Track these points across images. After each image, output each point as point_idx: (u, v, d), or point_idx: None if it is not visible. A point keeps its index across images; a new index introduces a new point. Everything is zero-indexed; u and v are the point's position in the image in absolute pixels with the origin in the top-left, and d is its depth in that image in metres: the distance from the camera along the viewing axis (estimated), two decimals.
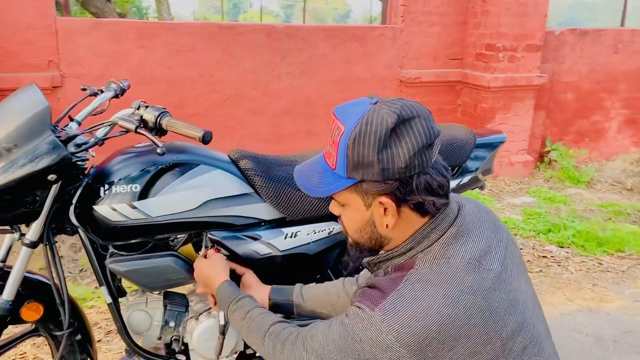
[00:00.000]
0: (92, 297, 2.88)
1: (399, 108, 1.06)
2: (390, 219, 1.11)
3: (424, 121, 1.06)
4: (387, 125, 1.04)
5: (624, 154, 5.86)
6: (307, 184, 1.18)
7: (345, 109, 1.12)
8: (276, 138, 4.79)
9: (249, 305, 1.40)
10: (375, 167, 1.05)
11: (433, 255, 1.10)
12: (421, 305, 1.02)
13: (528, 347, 1.09)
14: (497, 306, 1.05)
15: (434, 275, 1.06)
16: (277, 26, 4.64)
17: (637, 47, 5.62)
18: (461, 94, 5.34)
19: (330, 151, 1.12)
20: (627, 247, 3.65)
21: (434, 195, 1.09)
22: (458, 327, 1.01)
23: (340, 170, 1.10)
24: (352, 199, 1.14)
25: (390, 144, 1.04)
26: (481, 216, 1.19)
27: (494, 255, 1.11)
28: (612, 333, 2.69)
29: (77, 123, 1.68)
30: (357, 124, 1.06)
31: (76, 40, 3.99)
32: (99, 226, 1.58)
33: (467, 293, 1.03)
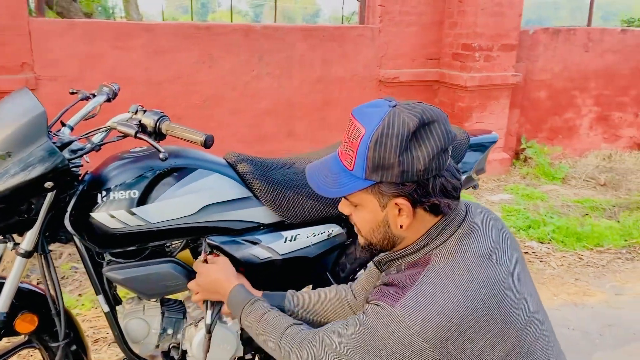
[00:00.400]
0: (77, 304, 2.81)
1: (420, 112, 1.07)
2: (404, 219, 1.13)
3: (442, 125, 1.09)
4: (409, 129, 1.05)
5: (595, 150, 6.01)
6: (321, 184, 1.18)
7: (364, 111, 1.12)
8: (256, 139, 4.76)
9: (263, 307, 1.39)
10: (395, 169, 1.07)
11: (448, 250, 1.13)
12: (442, 299, 1.05)
13: (539, 339, 1.13)
14: (510, 298, 1.08)
15: (451, 270, 1.09)
16: (255, 26, 4.61)
17: (606, 45, 5.77)
18: (439, 93, 5.40)
19: (348, 152, 1.12)
20: (605, 242, 3.74)
21: (449, 197, 1.12)
22: (477, 319, 1.04)
23: (358, 172, 1.10)
24: (367, 200, 1.15)
25: (411, 147, 1.06)
26: (486, 215, 1.24)
27: (503, 251, 1.16)
28: (597, 327, 2.76)
29: (70, 128, 1.64)
30: (379, 126, 1.07)
31: (50, 41, 3.89)
32: (96, 234, 1.54)
33: (483, 286, 1.06)
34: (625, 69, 5.92)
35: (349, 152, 1.11)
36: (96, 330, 2.61)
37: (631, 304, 3.00)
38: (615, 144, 6.17)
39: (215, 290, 1.52)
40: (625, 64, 5.91)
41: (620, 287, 3.20)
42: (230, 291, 1.48)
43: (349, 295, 1.53)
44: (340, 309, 1.53)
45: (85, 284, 3.03)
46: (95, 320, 2.69)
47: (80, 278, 3.09)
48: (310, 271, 1.83)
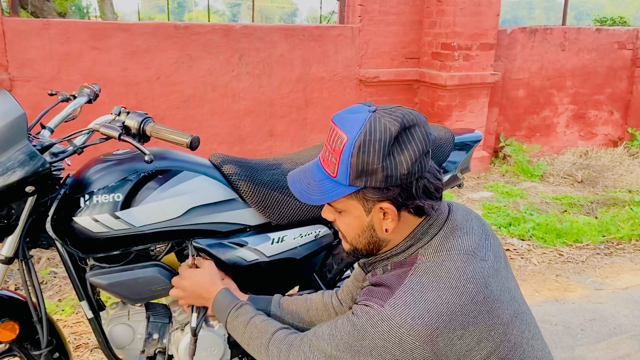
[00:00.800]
0: (57, 310, 2.76)
1: (401, 116, 1.08)
2: (390, 223, 1.14)
3: (423, 128, 1.10)
4: (391, 133, 1.06)
5: (572, 148, 6.11)
6: (304, 192, 1.18)
7: (344, 117, 1.12)
8: (237, 139, 4.73)
9: (250, 312, 1.38)
10: (379, 175, 1.07)
11: (434, 248, 1.14)
12: (430, 296, 1.06)
13: (525, 332, 1.15)
14: (497, 293, 1.10)
15: (438, 267, 1.11)
16: (235, 26, 4.58)
17: (582, 44, 5.86)
18: (418, 92, 5.43)
19: (330, 159, 1.12)
20: (584, 238, 3.80)
21: (432, 198, 1.14)
22: (466, 314, 1.06)
23: (341, 178, 1.11)
24: (351, 206, 1.15)
25: (393, 152, 1.07)
26: (468, 215, 1.25)
27: (486, 248, 1.18)
28: (579, 321, 2.80)
29: (50, 130, 1.60)
30: (361, 132, 1.07)
31: (25, 41, 3.81)
32: (79, 238, 1.50)
33: (470, 282, 1.08)
34: (600, 67, 6.03)
35: (332, 159, 1.11)
36: (77, 336, 2.56)
37: (611, 298, 3.05)
38: (592, 142, 6.27)
39: (200, 294, 1.50)
40: (600, 62, 6.01)
41: (600, 282, 3.25)
42: (216, 296, 1.46)
43: (334, 301, 1.53)
44: (326, 316, 1.53)
45: (65, 289, 2.97)
46: (77, 325, 2.64)
47: (59, 283, 3.03)
48: (298, 272, 1.82)
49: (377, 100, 5.24)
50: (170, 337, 1.70)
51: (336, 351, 1.14)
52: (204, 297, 1.49)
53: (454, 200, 4.51)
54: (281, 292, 1.72)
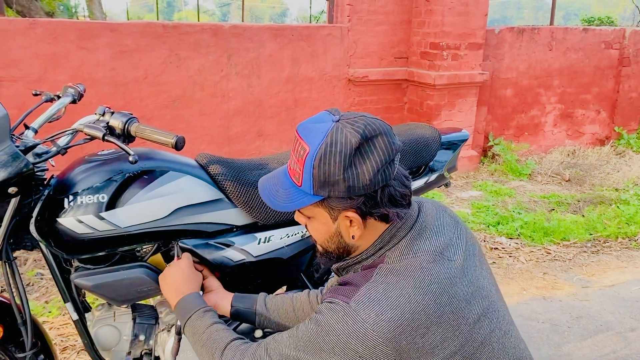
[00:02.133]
0: (43, 312, 2.74)
1: (363, 127, 1.08)
2: (356, 230, 1.16)
3: (385, 138, 1.10)
4: (352, 145, 1.07)
5: (560, 147, 6.15)
6: (273, 199, 1.19)
7: (308, 127, 1.13)
8: (226, 139, 4.72)
9: (213, 318, 1.37)
10: (341, 185, 1.08)
11: (400, 251, 1.16)
12: (394, 294, 1.08)
13: (494, 331, 1.16)
14: (463, 293, 1.11)
15: (403, 267, 1.12)
16: (224, 26, 4.56)
17: (569, 44, 5.90)
18: (407, 91, 5.44)
19: (296, 169, 1.13)
20: (571, 236, 3.83)
21: (397, 206, 1.15)
22: (429, 314, 1.07)
23: (306, 187, 1.12)
24: (318, 213, 1.17)
25: (355, 163, 1.07)
26: (440, 213, 1.27)
27: (456, 247, 1.19)
28: (566, 319, 2.82)
29: (34, 131, 1.58)
30: (322, 143, 1.08)
31: (12, 41, 3.77)
32: (63, 239, 1.49)
33: (435, 282, 1.09)
34: (587, 67, 6.07)
35: (297, 168, 1.13)
36: (64, 338, 2.54)
37: (598, 296, 3.08)
38: (579, 140, 6.32)
39: (174, 293, 1.48)
40: (588, 62, 6.06)
41: (587, 279, 3.28)
42: (184, 296, 1.44)
43: (320, 300, 1.54)
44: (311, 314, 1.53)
45: (51, 291, 2.95)
46: (63, 327, 2.62)
47: (46, 284, 3.01)
48: (285, 272, 1.82)
49: (365, 100, 5.25)
50: (156, 338, 1.70)
51: (295, 351, 1.14)
52: (176, 291, 1.47)
53: (442, 199, 4.53)
54: (268, 292, 1.72)
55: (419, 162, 1.94)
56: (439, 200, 4.54)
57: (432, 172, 1.99)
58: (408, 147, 1.90)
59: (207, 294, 1.58)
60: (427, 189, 2.01)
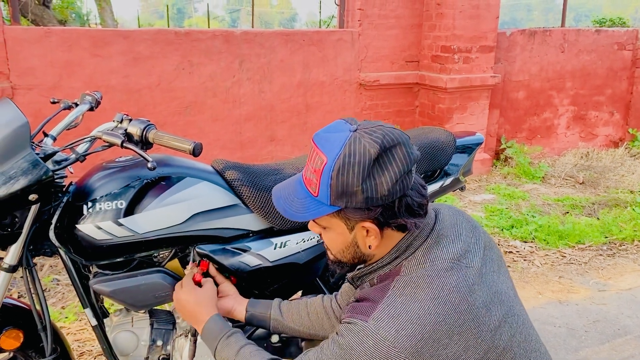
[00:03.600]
0: (60, 317, 2.76)
1: (381, 137, 1.07)
2: (373, 240, 1.15)
3: (404, 148, 1.09)
4: (370, 156, 1.06)
5: (573, 149, 6.11)
6: (288, 209, 1.19)
7: (324, 137, 1.12)
8: (238, 145, 4.74)
9: (239, 341, 1.36)
10: (359, 196, 1.07)
11: (417, 260, 1.14)
12: (413, 308, 1.06)
13: (515, 335, 1.14)
14: (482, 300, 1.10)
15: (420, 278, 1.11)
16: (235, 32, 4.59)
17: (581, 46, 5.87)
18: (419, 95, 5.43)
19: (312, 179, 1.12)
20: (587, 239, 3.80)
21: (415, 215, 1.13)
22: (450, 324, 1.06)
23: (323, 198, 1.11)
24: (334, 223, 1.16)
25: (373, 174, 1.06)
26: (457, 219, 1.25)
27: (474, 253, 1.17)
28: (583, 323, 2.79)
29: (52, 138, 1.60)
30: (340, 154, 1.07)
31: (27, 49, 3.82)
32: (82, 246, 1.50)
33: (453, 291, 1.08)
34: (600, 68, 6.03)
35: (313, 179, 1.12)
36: (81, 344, 2.56)
37: (615, 299, 3.05)
38: (592, 143, 6.27)
39: (192, 315, 1.49)
40: (600, 63, 6.02)
41: (603, 283, 3.25)
42: (205, 323, 1.44)
43: (334, 305, 1.54)
44: (327, 320, 1.54)
45: (68, 297, 2.97)
46: (80, 333, 2.64)
47: (62, 290, 3.03)
48: (301, 277, 1.82)
49: (377, 104, 5.25)
50: (174, 343, 1.71)
51: None
52: (196, 319, 1.47)
53: (455, 203, 4.51)
54: (284, 297, 1.72)
55: (434, 166, 1.94)
56: (452, 204, 4.52)
57: (447, 176, 1.99)
58: (423, 151, 1.90)
59: (223, 299, 1.59)
60: (442, 193, 2.00)
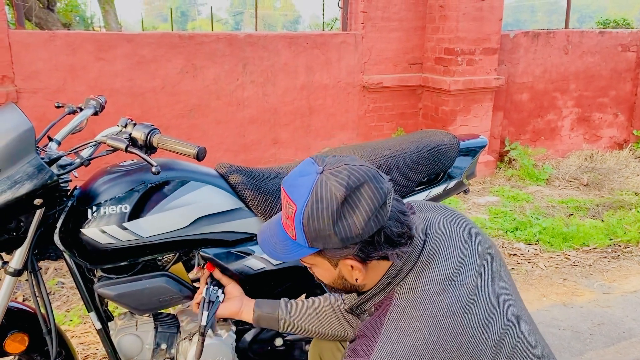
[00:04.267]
0: (64, 320, 2.76)
1: (346, 179, 1.06)
2: (358, 274, 1.16)
3: (372, 184, 1.07)
4: (337, 200, 1.05)
5: (577, 151, 6.10)
6: (272, 251, 1.20)
7: (292, 184, 1.12)
8: (241, 148, 4.75)
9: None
10: (333, 238, 1.08)
11: (408, 286, 1.14)
12: (409, 341, 1.06)
13: (517, 346, 1.14)
14: (478, 318, 1.09)
15: (412, 307, 1.10)
16: (239, 35, 4.60)
17: (585, 47, 5.86)
18: (422, 97, 5.43)
19: (288, 223, 1.13)
20: (591, 241, 3.78)
21: (396, 245, 1.12)
22: (448, 349, 1.06)
23: (300, 241, 1.12)
24: (318, 261, 1.18)
25: (344, 215, 1.06)
26: (451, 229, 1.23)
27: (468, 267, 1.16)
28: (587, 326, 2.78)
29: (57, 143, 1.61)
30: (307, 202, 1.07)
31: (31, 53, 3.84)
32: (86, 250, 1.51)
33: (447, 316, 1.07)
34: (604, 70, 6.02)
35: (289, 223, 1.12)
36: (85, 347, 2.57)
37: (620, 302, 3.03)
38: (596, 144, 6.26)
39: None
40: (604, 65, 6.01)
41: (608, 285, 3.24)
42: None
43: (341, 304, 1.55)
44: (335, 318, 1.55)
45: (72, 300, 2.98)
46: (84, 336, 2.64)
47: (67, 293, 3.04)
48: (304, 280, 1.81)
49: (380, 107, 5.25)
50: (178, 347, 1.71)
51: None
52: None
53: (459, 205, 4.51)
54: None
55: (437, 169, 1.94)
56: (456, 206, 4.51)
57: (451, 179, 1.99)
58: (426, 154, 1.90)
59: (230, 301, 1.60)
60: (445, 196, 2.00)
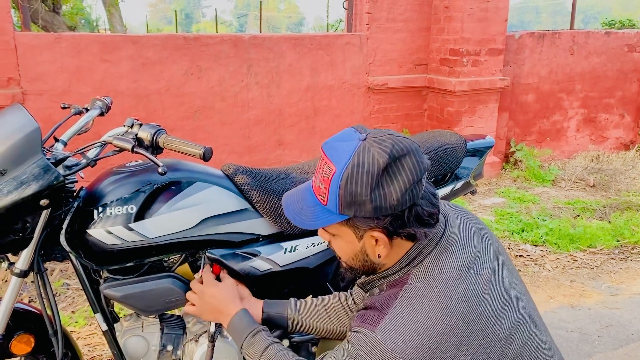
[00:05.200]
0: (70, 322, 2.76)
1: (390, 146, 1.06)
2: (382, 249, 1.14)
3: (414, 157, 1.07)
4: (379, 166, 1.05)
5: (583, 152, 6.07)
6: (297, 216, 1.19)
7: (333, 146, 1.11)
8: (246, 149, 4.74)
9: (265, 340, 1.37)
10: (367, 206, 1.06)
11: (425, 268, 1.13)
12: (420, 318, 1.06)
13: (527, 343, 1.13)
14: (492, 309, 1.09)
15: (428, 287, 1.10)
16: (244, 36, 4.60)
17: (591, 48, 5.83)
18: (427, 98, 5.42)
19: (321, 187, 1.12)
20: (598, 243, 3.76)
21: (425, 225, 1.12)
22: (458, 334, 1.05)
23: (332, 207, 1.10)
24: (343, 232, 1.16)
25: (382, 184, 1.05)
26: (467, 223, 1.24)
27: (484, 260, 1.16)
28: (595, 328, 2.76)
29: (63, 143, 1.61)
30: (349, 164, 1.06)
31: (37, 55, 3.85)
32: (92, 251, 1.50)
33: (462, 300, 1.07)
34: (610, 70, 5.99)
35: (322, 187, 1.11)
36: (91, 348, 2.56)
37: (628, 304, 3.01)
38: (603, 145, 6.22)
39: (218, 309, 1.49)
40: (610, 65, 5.98)
41: (615, 287, 3.21)
42: (233, 316, 1.45)
43: (350, 301, 1.54)
44: (345, 315, 1.54)
45: (78, 301, 2.98)
46: (90, 337, 2.64)
47: (72, 295, 3.04)
48: (311, 282, 1.81)
49: (385, 108, 5.24)
50: (184, 348, 1.70)
51: None
52: (222, 313, 1.48)
53: (465, 206, 4.49)
54: None
55: (444, 170, 1.93)
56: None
57: (458, 180, 1.97)
58: (434, 154, 1.89)
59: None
60: (453, 197, 1.99)
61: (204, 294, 1.51)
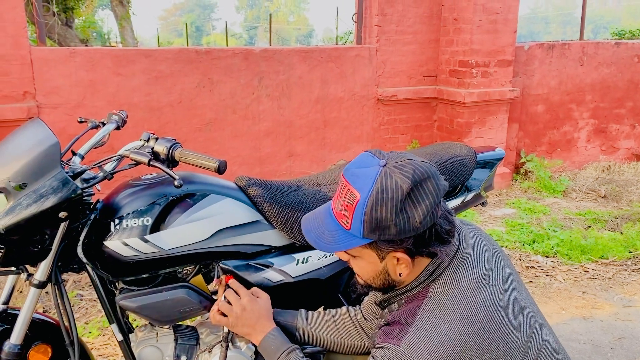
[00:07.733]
0: (84, 332, 2.79)
1: (411, 172, 1.10)
2: (404, 268, 1.18)
3: (434, 180, 1.12)
4: (403, 191, 1.08)
5: (594, 163, 6.04)
6: (319, 241, 1.21)
7: (355, 172, 1.14)
8: (257, 161, 4.78)
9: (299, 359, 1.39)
10: (392, 229, 1.10)
11: (444, 281, 1.17)
12: (443, 330, 1.09)
13: (542, 350, 1.17)
14: (509, 317, 1.13)
15: (448, 300, 1.14)
16: (254, 49, 4.65)
17: (601, 59, 5.83)
18: (437, 110, 5.44)
19: (344, 213, 1.15)
20: (610, 254, 3.74)
21: (444, 242, 1.16)
22: (479, 343, 1.08)
23: (355, 231, 1.14)
24: (365, 253, 1.19)
25: (406, 208, 1.09)
26: (478, 239, 1.28)
27: (496, 272, 1.20)
28: (608, 340, 2.75)
29: (80, 157, 1.64)
30: (372, 191, 1.09)
31: (52, 69, 3.92)
32: (109, 262, 1.53)
33: (481, 310, 1.11)
34: (620, 81, 5.98)
35: (345, 213, 1.14)
36: (104, 359, 2.59)
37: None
38: (614, 156, 6.20)
39: (251, 325, 1.49)
40: (620, 76, 5.97)
41: (628, 299, 3.20)
42: (267, 334, 1.47)
43: (359, 316, 1.56)
44: (354, 329, 1.56)
45: (91, 312, 3.01)
46: (104, 348, 2.67)
47: (86, 306, 3.07)
48: (323, 293, 1.82)
49: (395, 119, 5.26)
50: (197, 359, 1.72)
51: None
52: (255, 329, 1.48)
53: (475, 217, 4.49)
54: None
55: (455, 182, 1.94)
56: (473, 219, 4.49)
57: (469, 192, 1.99)
58: (444, 166, 1.90)
59: None
60: (463, 209, 2.00)
61: (245, 309, 1.50)
